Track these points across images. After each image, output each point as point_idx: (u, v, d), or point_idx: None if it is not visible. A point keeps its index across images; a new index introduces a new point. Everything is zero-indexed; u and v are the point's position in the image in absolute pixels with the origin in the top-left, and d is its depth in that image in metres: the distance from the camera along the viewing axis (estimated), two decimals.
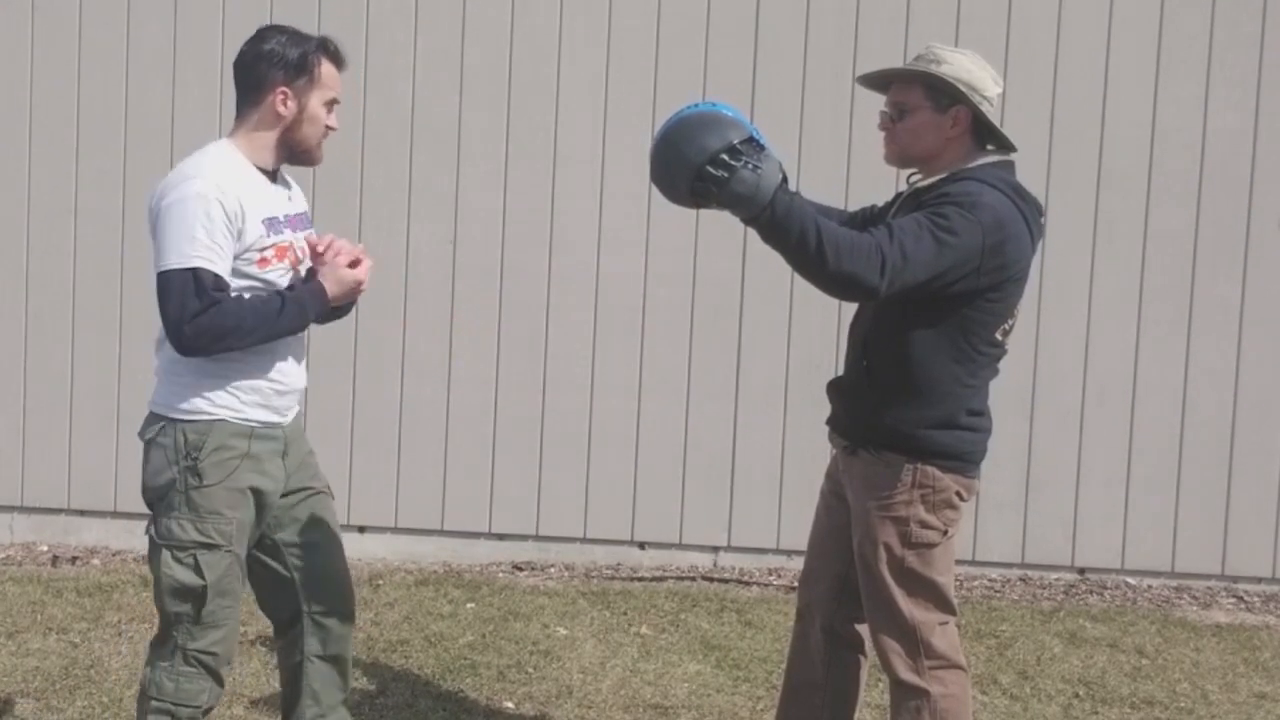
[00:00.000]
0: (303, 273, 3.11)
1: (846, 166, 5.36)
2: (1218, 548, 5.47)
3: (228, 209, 2.90)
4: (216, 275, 2.90)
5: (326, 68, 3.08)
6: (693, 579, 5.44)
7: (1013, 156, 3.08)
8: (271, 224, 3.02)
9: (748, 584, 5.41)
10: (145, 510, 5.68)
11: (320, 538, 3.26)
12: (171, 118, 5.57)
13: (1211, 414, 5.44)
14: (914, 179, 3.14)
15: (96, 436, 5.64)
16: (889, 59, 5.05)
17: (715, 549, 5.60)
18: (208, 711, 3.08)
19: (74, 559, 5.53)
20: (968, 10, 5.40)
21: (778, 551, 5.53)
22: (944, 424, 2.97)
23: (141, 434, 3.07)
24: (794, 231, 2.71)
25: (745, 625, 4.87)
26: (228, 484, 2.99)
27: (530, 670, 4.36)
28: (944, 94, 2.98)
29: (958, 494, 3.01)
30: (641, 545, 5.61)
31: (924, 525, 2.98)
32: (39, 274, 5.65)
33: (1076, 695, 4.31)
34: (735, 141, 2.69)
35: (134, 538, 5.68)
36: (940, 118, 2.99)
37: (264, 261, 2.99)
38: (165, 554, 3.01)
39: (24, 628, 4.61)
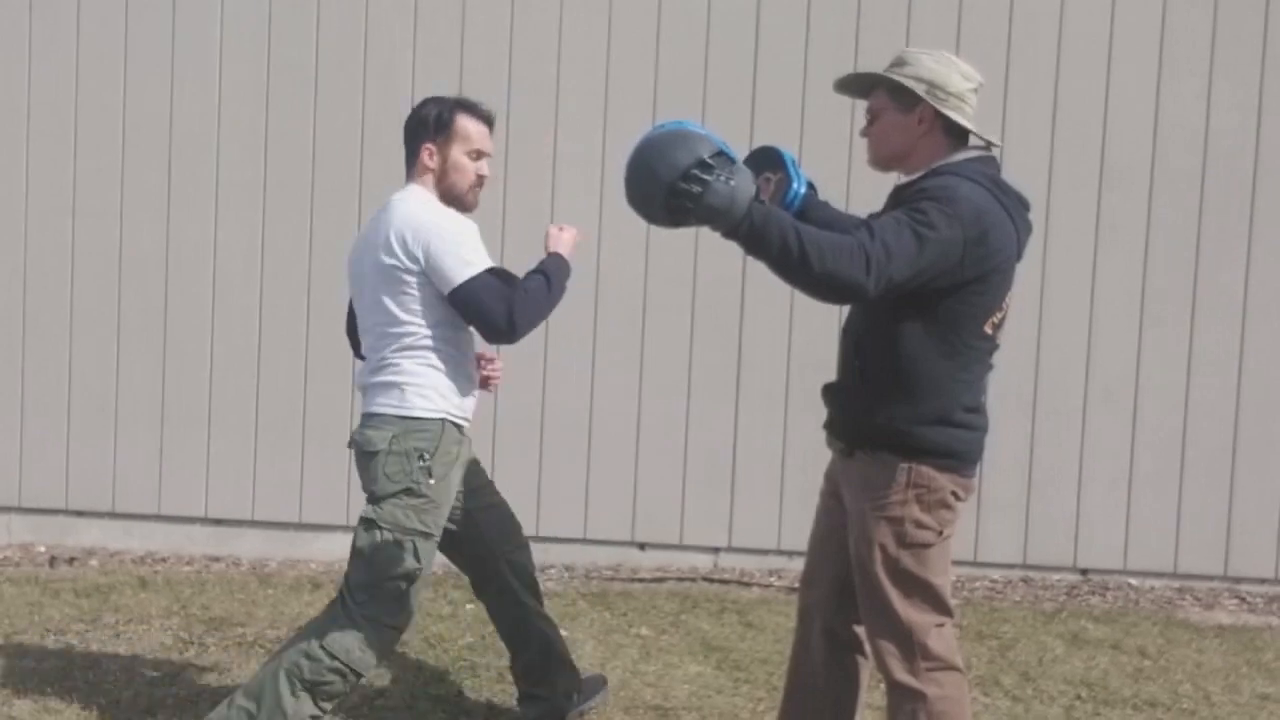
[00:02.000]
0: None
1: (847, 166, 5.34)
2: (1220, 548, 5.45)
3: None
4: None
5: (464, 123, 3.53)
6: (693, 580, 5.42)
7: (995, 152, 3.09)
8: None
9: (748, 585, 5.39)
10: (142, 512, 5.68)
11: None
12: (170, 118, 5.56)
13: (1214, 414, 5.42)
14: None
15: (94, 437, 5.63)
16: (889, 59, 5.03)
17: (715, 550, 5.59)
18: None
19: (72, 560, 5.52)
20: (969, 9, 5.38)
21: (778, 552, 5.51)
22: (937, 421, 2.96)
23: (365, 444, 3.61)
24: (775, 239, 2.74)
25: (746, 626, 4.85)
26: (448, 479, 3.54)
27: None
28: (907, 94, 3.02)
29: (953, 494, 3.00)
30: (642, 546, 5.60)
31: (919, 525, 2.97)
32: (37, 274, 5.64)
33: (1079, 697, 4.29)
34: (705, 156, 2.71)
35: (132, 538, 5.67)
36: (906, 118, 3.03)
37: None
38: (384, 532, 3.48)
39: (22, 629, 4.59)
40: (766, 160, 3.08)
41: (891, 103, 3.04)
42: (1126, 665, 4.59)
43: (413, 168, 3.57)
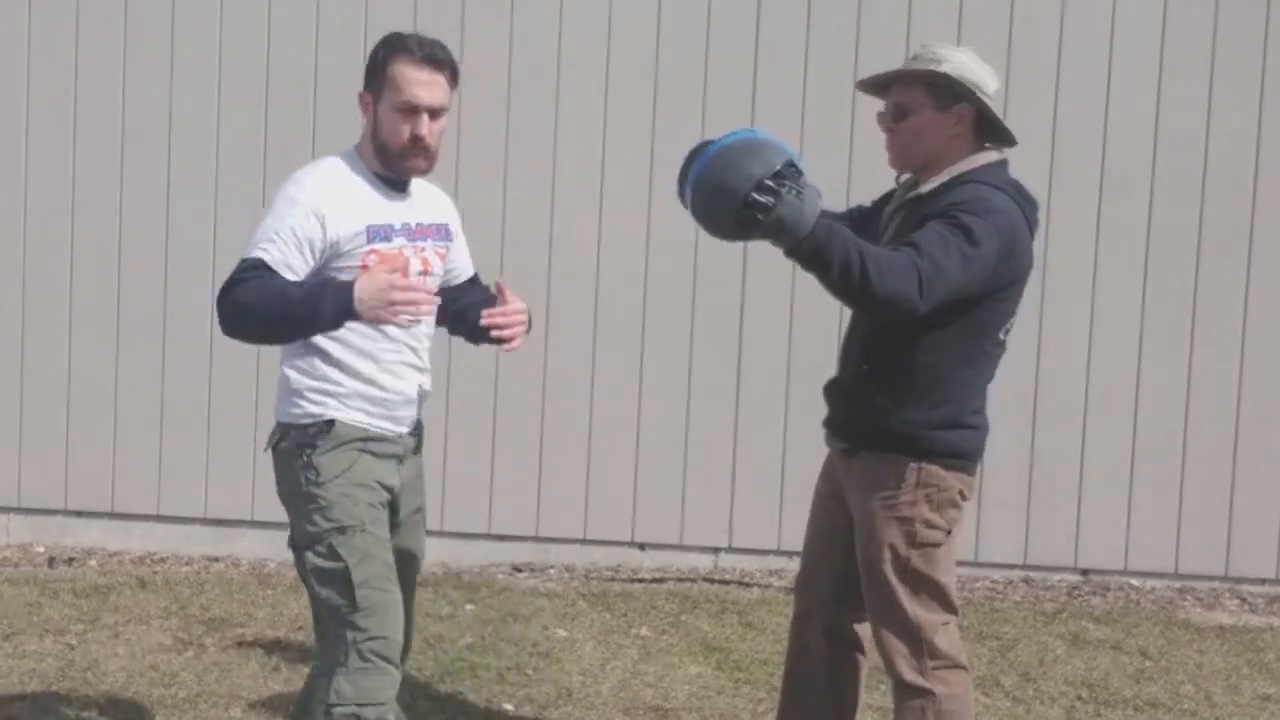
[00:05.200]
0: (427, 283, 3.04)
1: (847, 166, 5.34)
2: (1221, 549, 5.44)
3: (311, 209, 2.88)
4: (271, 268, 2.85)
5: (398, 68, 2.93)
6: (693, 580, 5.41)
7: (1009, 154, 3.06)
8: (378, 231, 2.95)
9: (749, 585, 5.38)
10: (142, 512, 5.67)
11: (407, 566, 3.19)
12: (169, 116, 5.54)
13: (1215, 414, 5.41)
14: (904, 179, 3.12)
15: (94, 437, 5.61)
16: (890, 58, 5.00)
17: (716, 550, 5.58)
18: (393, 703, 2.96)
19: (70, 560, 5.50)
20: (970, 9, 5.38)
21: (779, 553, 5.50)
22: (950, 424, 2.96)
23: (267, 444, 3.09)
24: (838, 256, 2.65)
25: (746, 627, 4.84)
26: (349, 475, 2.96)
27: (530, 672, 4.34)
28: (946, 92, 2.95)
29: (960, 493, 3.00)
30: (642, 546, 5.59)
31: (929, 525, 2.96)
32: (36, 273, 5.62)
33: (1080, 697, 4.29)
34: (779, 166, 2.62)
35: (131, 539, 5.66)
36: (943, 116, 2.96)
37: (365, 269, 2.91)
38: (307, 554, 2.97)
39: (20, 629, 4.58)
40: None
41: (929, 99, 2.95)
42: (1127, 666, 4.59)
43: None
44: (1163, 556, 5.46)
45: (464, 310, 3.17)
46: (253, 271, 2.84)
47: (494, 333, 3.03)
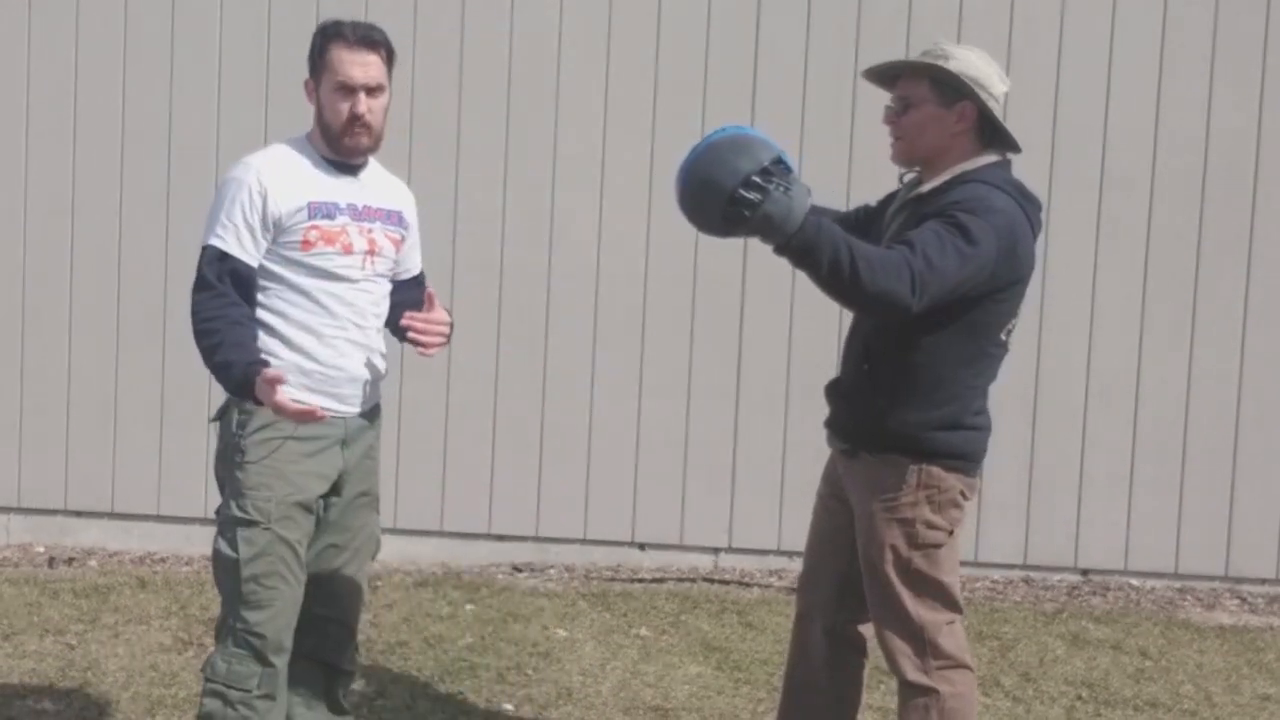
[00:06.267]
0: (371, 265, 3.11)
1: (848, 166, 5.33)
2: (1221, 549, 5.44)
3: (255, 189, 3.01)
4: (231, 256, 3.00)
5: (334, 52, 3.07)
6: (693, 580, 5.41)
7: (1012, 156, 3.05)
8: (320, 208, 3.05)
9: (749, 585, 5.38)
10: (142, 512, 5.67)
11: (358, 545, 3.29)
12: (169, 114, 5.54)
13: (1215, 414, 5.41)
14: (908, 178, 3.12)
15: (94, 437, 5.61)
16: (890, 58, 5.03)
17: (716, 550, 5.58)
18: (267, 698, 3.04)
19: (70, 560, 5.50)
20: (970, 9, 5.38)
21: (779, 553, 5.50)
22: (950, 425, 2.95)
23: (214, 416, 3.20)
24: (827, 254, 2.65)
25: (746, 627, 4.84)
26: (270, 462, 3.03)
27: (530, 672, 4.34)
28: (950, 89, 2.94)
29: (961, 493, 3.00)
30: (642, 546, 5.59)
31: (930, 526, 2.96)
32: (36, 272, 5.62)
33: (1080, 697, 4.28)
34: (766, 163, 2.64)
35: (131, 539, 5.66)
36: (945, 113, 2.95)
37: (307, 244, 3.03)
38: (216, 534, 3.11)
39: (20, 629, 4.58)
40: None
41: (933, 94, 2.95)
42: (1127, 666, 4.59)
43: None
44: (1163, 556, 5.46)
45: (393, 306, 3.25)
46: (214, 265, 2.99)
47: (410, 335, 3.14)
